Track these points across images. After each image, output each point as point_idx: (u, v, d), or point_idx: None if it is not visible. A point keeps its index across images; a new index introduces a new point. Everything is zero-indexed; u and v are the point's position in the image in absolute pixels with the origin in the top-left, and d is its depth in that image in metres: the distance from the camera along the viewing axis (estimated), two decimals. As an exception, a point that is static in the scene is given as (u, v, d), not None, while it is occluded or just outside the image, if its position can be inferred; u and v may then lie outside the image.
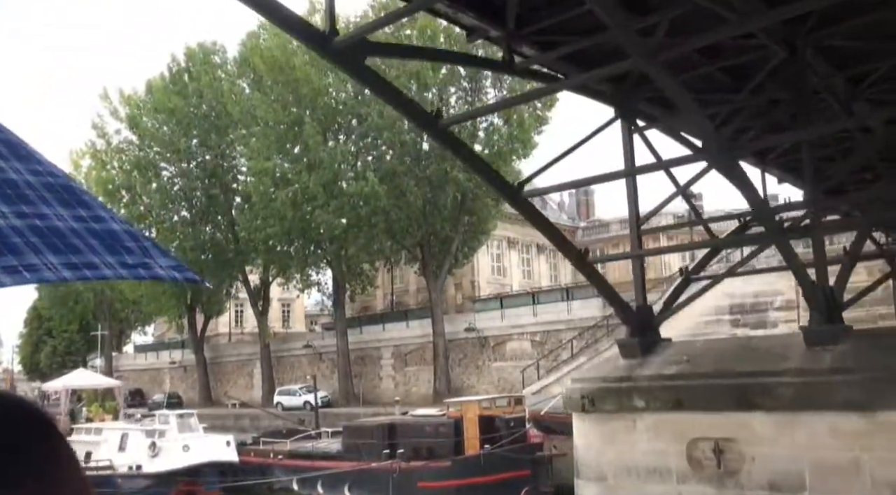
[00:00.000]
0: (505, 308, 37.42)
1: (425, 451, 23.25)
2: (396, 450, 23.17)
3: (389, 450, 23.31)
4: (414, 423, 24.47)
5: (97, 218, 1.71)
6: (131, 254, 1.71)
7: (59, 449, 0.86)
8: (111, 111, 49.29)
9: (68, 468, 0.86)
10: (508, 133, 35.69)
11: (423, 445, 23.38)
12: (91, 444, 28.42)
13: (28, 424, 0.84)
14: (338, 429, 29.67)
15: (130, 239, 1.74)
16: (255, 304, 47.04)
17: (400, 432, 24.40)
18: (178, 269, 1.82)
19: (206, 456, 25.29)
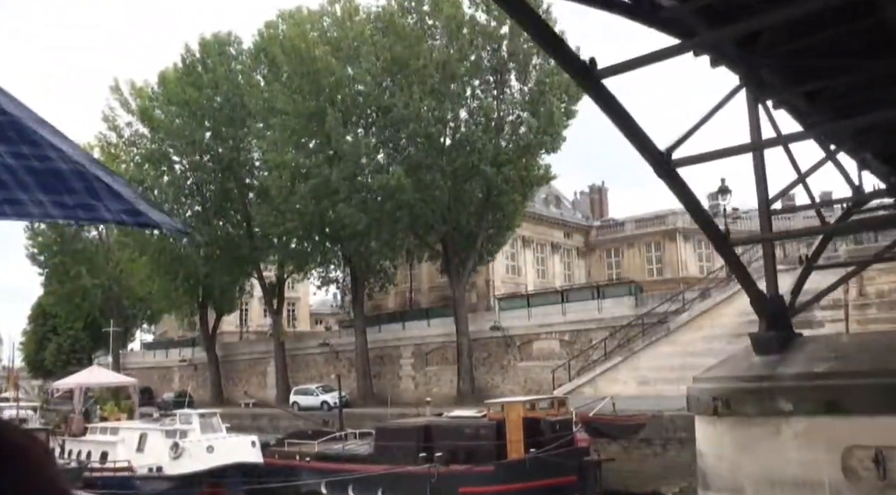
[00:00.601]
0: (532, 306, 36.24)
1: (464, 455, 22.07)
2: (433, 453, 22.03)
3: (427, 453, 22.15)
4: (451, 425, 23.28)
5: (42, 157, 1.73)
6: (73, 195, 1.76)
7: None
8: (122, 103, 48.19)
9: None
10: (537, 126, 34.51)
11: (461, 448, 22.20)
12: (107, 444, 27.25)
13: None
14: (365, 431, 28.54)
15: (79, 179, 1.75)
16: (269, 302, 45.85)
17: (436, 434, 23.21)
18: (129, 213, 1.84)
19: (231, 458, 24.09)
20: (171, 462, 24.21)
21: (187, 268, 45.64)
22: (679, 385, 30.56)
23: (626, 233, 65.17)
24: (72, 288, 56.99)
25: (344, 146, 34.73)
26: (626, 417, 22.72)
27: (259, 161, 44.10)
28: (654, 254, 62.80)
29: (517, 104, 35.50)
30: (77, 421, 30.20)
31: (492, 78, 36.54)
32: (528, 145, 34.82)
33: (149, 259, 47.13)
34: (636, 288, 34.97)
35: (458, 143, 34.36)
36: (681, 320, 30.51)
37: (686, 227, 61.90)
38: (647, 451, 24.67)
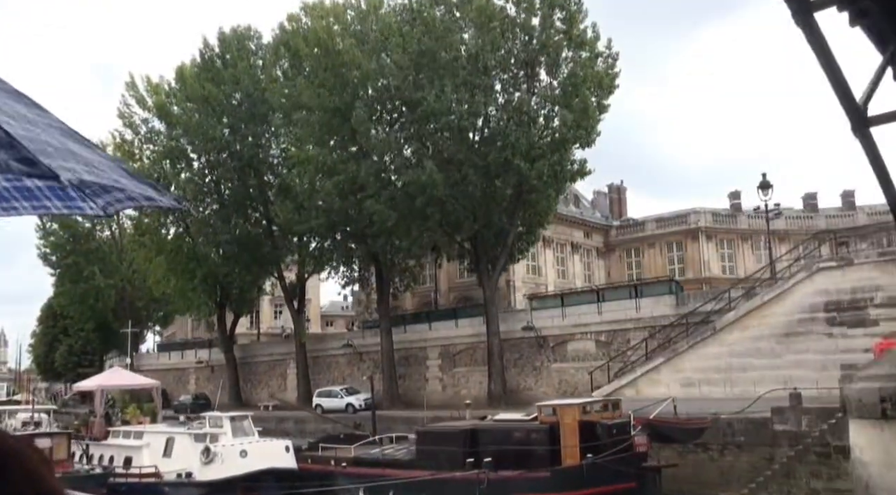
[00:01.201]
0: (566, 306, 35.00)
1: (513, 460, 20.84)
2: (480, 459, 20.81)
3: (475, 459, 20.94)
4: (499, 429, 22.06)
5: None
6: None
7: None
8: (138, 99, 47.15)
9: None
10: (572, 119, 33.31)
11: (510, 453, 20.97)
12: (131, 449, 26.13)
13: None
14: (401, 435, 27.36)
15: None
16: (289, 302, 44.68)
17: (483, 438, 22.02)
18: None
19: (265, 463, 22.94)
20: (202, 467, 23.05)
21: (206, 268, 44.55)
22: (725, 386, 29.51)
23: (646, 232, 64.01)
24: (85, 288, 55.93)
25: (372, 141, 33.57)
26: (688, 420, 21.46)
27: (280, 157, 43.04)
28: (675, 253, 61.61)
29: (549, 97, 34.28)
30: (98, 425, 29.07)
31: (521, 71, 35.39)
32: (563, 140, 33.61)
33: (165, 258, 46.03)
34: (677, 286, 33.74)
35: (490, 137, 33.19)
36: (727, 319, 29.25)
37: (709, 227, 60.83)
38: (702, 456, 23.41)
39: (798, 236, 52.34)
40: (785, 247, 54.48)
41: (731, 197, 68.96)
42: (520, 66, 35.17)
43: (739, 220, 62.59)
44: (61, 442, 26.32)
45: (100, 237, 58.70)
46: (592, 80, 34.47)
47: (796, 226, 57.62)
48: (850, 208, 61.79)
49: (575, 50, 35.37)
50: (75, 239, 57.12)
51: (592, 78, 34.42)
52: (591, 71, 34.67)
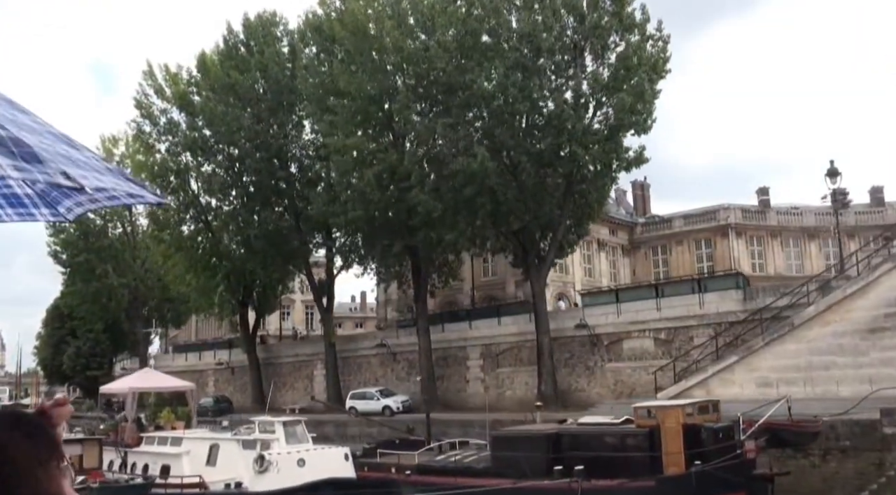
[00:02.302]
0: (621, 302, 32.93)
1: (605, 468, 18.78)
2: (569, 466, 18.76)
3: (563, 467, 18.88)
4: (589, 433, 20.02)
5: None
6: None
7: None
8: (156, 89, 45.01)
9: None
10: (630, 103, 31.31)
11: (602, 460, 18.93)
12: (169, 457, 23.98)
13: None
14: (463, 440, 25.26)
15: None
16: (318, 300, 42.54)
17: (569, 444, 19.99)
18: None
19: (323, 473, 20.84)
20: (255, 477, 20.91)
21: (230, 265, 42.47)
22: (805, 386, 27.40)
23: (673, 229, 62.05)
24: (97, 287, 53.66)
25: (416, 128, 31.50)
26: (801, 422, 19.43)
27: (310, 147, 40.97)
28: (703, 251, 59.71)
29: (600, 81, 32.25)
30: (130, 430, 26.88)
31: (567, 56, 33.40)
32: (619, 125, 31.61)
33: (185, 254, 43.90)
34: (743, 280, 31.69)
35: (544, 122, 31.15)
36: (807, 314, 27.24)
37: (739, 223, 58.99)
38: (802, 462, 21.38)
39: (860, 231, 50.74)
40: (854, 244, 52.63)
41: (759, 193, 67.22)
42: (568, 49, 33.17)
43: (769, 217, 60.77)
44: (92, 449, 24.18)
45: (112, 234, 56.41)
46: (646, 63, 32.51)
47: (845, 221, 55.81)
48: (879, 205, 60.57)
49: (624, 33, 33.42)
50: (87, 236, 54.84)
51: (646, 60, 32.47)
52: (644, 53, 32.74)
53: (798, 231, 60.17)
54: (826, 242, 60.68)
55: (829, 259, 57.80)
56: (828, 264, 55.73)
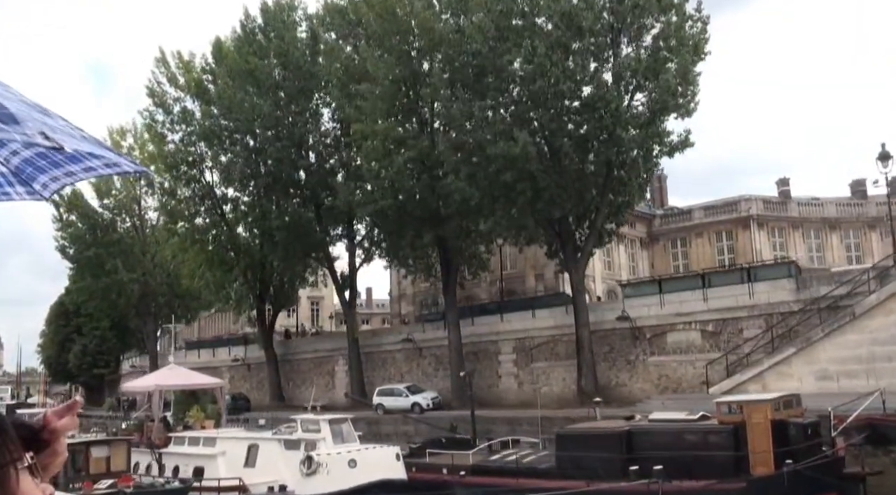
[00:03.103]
0: (665, 292, 31.54)
1: (683, 468, 17.39)
2: (648, 466, 17.36)
3: (638, 467, 17.49)
4: (666, 431, 18.59)
5: None
6: None
7: None
8: (169, 78, 43.46)
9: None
10: (675, 84, 29.91)
11: (680, 460, 17.52)
12: (202, 458, 22.53)
13: None
14: (514, 438, 23.87)
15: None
16: (340, 293, 41.05)
17: (642, 442, 18.61)
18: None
19: (375, 474, 19.40)
20: (303, 480, 19.47)
21: (248, 258, 41.01)
22: (868, 379, 26.00)
23: (693, 221, 60.70)
24: (107, 282, 52.05)
25: (452, 112, 30.03)
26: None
27: (334, 134, 39.51)
28: (724, 243, 58.38)
29: (643, 61, 30.79)
30: (157, 430, 25.39)
31: (606, 37, 31.95)
32: (662, 108, 30.18)
33: (201, 247, 42.40)
34: (796, 269, 30.30)
35: (586, 104, 29.71)
36: (868, 303, 25.88)
37: (761, 214, 57.72)
38: (884, 460, 20.01)
39: (879, 222, 49.34)
40: (875, 235, 51.32)
41: (779, 184, 66.03)
42: (607, 30, 31.72)
43: (790, 208, 59.50)
44: (120, 450, 22.70)
45: (122, 228, 54.80)
46: (687, 44, 31.09)
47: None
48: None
49: (663, 13, 31.99)
50: (95, 230, 53.22)
51: (686, 41, 31.05)
52: (684, 33, 31.32)
53: (819, 222, 58.91)
54: (847, 233, 59.52)
55: (851, 250, 56.62)
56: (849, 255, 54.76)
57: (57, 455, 1.18)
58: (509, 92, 31.28)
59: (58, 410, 1.23)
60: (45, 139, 1.47)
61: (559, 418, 26.43)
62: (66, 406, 1.24)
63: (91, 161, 1.61)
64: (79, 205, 53.47)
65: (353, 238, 40.41)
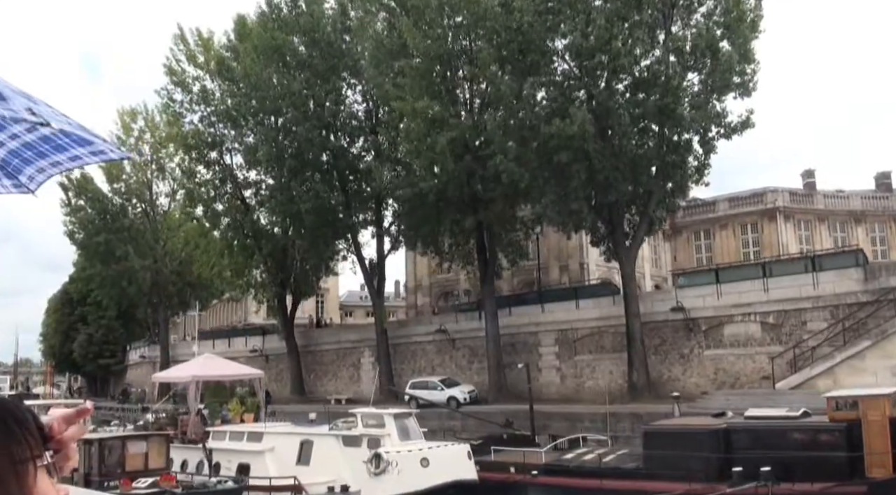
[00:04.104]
0: (722, 282, 29.98)
1: (789, 469, 15.85)
2: (755, 467, 15.80)
3: (742, 468, 15.93)
4: (767, 429, 17.03)
5: None
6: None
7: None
8: (188, 56, 41.61)
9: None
10: (737, 60, 28.32)
11: (786, 461, 15.97)
12: (247, 454, 20.85)
13: None
14: (583, 436, 22.33)
15: None
16: (369, 281, 39.37)
17: (742, 441, 17.05)
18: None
19: (449, 474, 17.80)
20: (370, 480, 17.80)
21: (271, 244, 39.27)
22: (953, 375, 24.64)
23: (717, 213, 59.26)
24: (118, 269, 50.16)
25: (500, 88, 28.33)
26: None
27: (358, 116, 37.77)
28: (749, 235, 57.02)
29: (704, 36, 29.14)
30: (194, 424, 23.70)
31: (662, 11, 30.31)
32: (722, 86, 28.59)
33: (221, 232, 40.66)
34: (863, 257, 28.79)
35: (645, 81, 28.08)
36: (950, 294, 24.40)
37: (788, 206, 56.39)
38: None
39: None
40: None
41: (804, 176, 64.75)
42: (663, 4, 30.06)
43: (816, 200, 58.23)
44: (158, 446, 20.94)
45: (132, 214, 52.88)
46: (745, 19, 29.48)
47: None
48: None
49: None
50: (105, 215, 51.29)
51: (745, 16, 29.44)
52: (742, 7, 29.71)
53: (845, 215, 57.63)
54: (873, 227, 58.41)
55: (877, 244, 55.39)
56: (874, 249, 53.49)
57: (68, 459, 1.08)
58: (554, 69, 29.63)
59: (66, 416, 1.10)
60: (32, 114, 1.47)
61: (624, 414, 24.91)
62: (75, 412, 1.13)
63: (77, 148, 1.60)
64: (88, 188, 51.57)
65: (380, 223, 38.75)
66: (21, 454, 0.98)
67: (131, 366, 65.40)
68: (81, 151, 1.60)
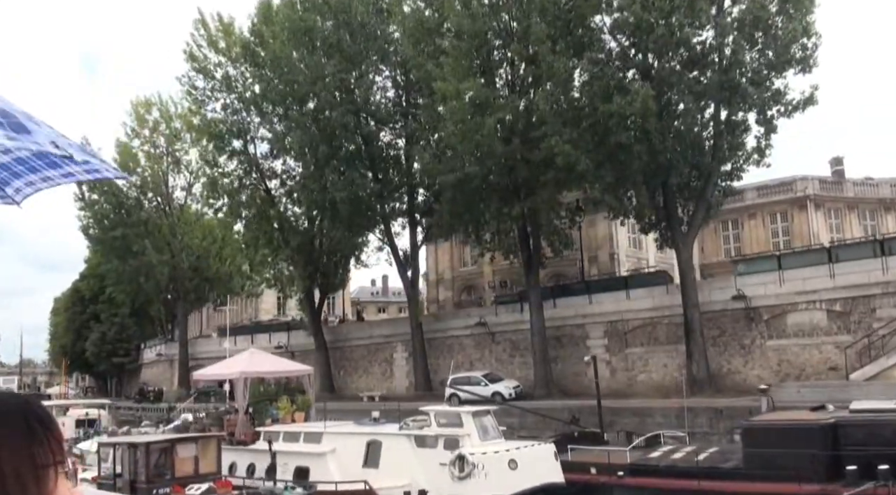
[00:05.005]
0: (784, 269, 28.57)
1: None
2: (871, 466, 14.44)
3: (856, 467, 14.55)
4: (881, 423, 15.62)
5: None
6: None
7: None
8: (209, 42, 40.07)
9: None
10: (801, 32, 26.90)
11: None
12: (305, 456, 19.41)
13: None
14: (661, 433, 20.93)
15: None
16: (403, 272, 37.91)
17: (850, 437, 15.62)
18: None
19: (539, 477, 16.40)
20: (454, 484, 16.37)
21: (300, 236, 37.83)
22: None
23: (746, 202, 57.89)
24: (136, 265, 48.66)
25: (555, 65, 26.84)
26: None
27: (393, 99, 36.30)
28: (779, 225, 55.69)
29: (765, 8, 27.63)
30: (242, 424, 22.29)
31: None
32: (786, 61, 27.14)
33: (247, 224, 39.21)
34: (938, 240, 27.46)
35: (704, 55, 26.63)
36: None
37: (818, 195, 55.06)
38: None
39: None
40: None
41: (832, 163, 63.48)
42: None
43: (845, 188, 56.93)
44: (209, 449, 19.45)
45: (148, 208, 51.34)
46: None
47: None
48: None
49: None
50: (121, 209, 49.75)
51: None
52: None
53: (875, 203, 56.34)
54: (904, 214, 57.08)
55: None
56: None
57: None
58: (602, 47, 28.19)
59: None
60: (56, 148, 1.49)
61: (701, 408, 23.50)
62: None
63: (71, 166, 1.64)
64: (103, 182, 50.09)
65: (413, 213, 37.31)
66: (44, 458, 0.94)
67: (146, 364, 63.93)
68: (76, 168, 1.63)
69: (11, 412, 0.95)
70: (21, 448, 0.91)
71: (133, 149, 50.58)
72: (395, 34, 35.31)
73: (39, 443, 0.93)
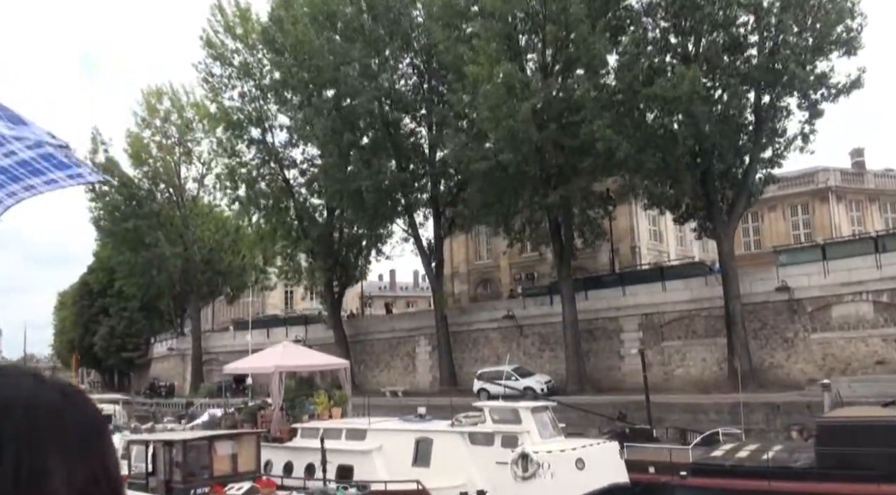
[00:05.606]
0: (829, 259, 27.64)
1: None
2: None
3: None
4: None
5: None
6: None
7: None
8: (226, 28, 39.04)
9: None
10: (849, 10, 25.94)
11: None
12: (349, 454, 18.45)
13: None
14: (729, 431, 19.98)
15: None
16: (427, 264, 36.94)
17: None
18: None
19: (606, 477, 15.48)
20: (516, 484, 15.43)
21: (318, 228, 36.88)
22: None
23: (766, 194, 56.92)
24: (148, 257, 47.68)
25: (593, 48, 25.85)
26: None
27: (419, 86, 35.31)
28: (800, 217, 54.79)
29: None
30: (278, 420, 21.35)
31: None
32: (834, 42, 26.16)
33: (266, 215, 38.25)
34: None
35: (745, 36, 25.67)
36: None
37: (839, 186, 54.14)
38: None
39: None
40: None
41: (852, 155, 62.51)
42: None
43: (866, 179, 56.04)
44: (248, 447, 18.48)
45: (161, 199, 50.34)
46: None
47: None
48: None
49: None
50: (132, 200, 48.74)
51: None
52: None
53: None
54: (925, 206, 56.30)
55: None
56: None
57: None
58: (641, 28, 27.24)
59: None
60: (53, 137, 1.53)
61: (757, 404, 22.60)
62: None
63: (54, 172, 1.63)
64: (114, 172, 49.05)
65: (437, 202, 36.34)
66: (101, 425, 0.91)
67: (156, 358, 62.98)
68: (59, 175, 1.63)
69: (61, 388, 0.89)
70: (87, 415, 0.88)
71: (144, 139, 49.59)
72: (419, 18, 34.27)
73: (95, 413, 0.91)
